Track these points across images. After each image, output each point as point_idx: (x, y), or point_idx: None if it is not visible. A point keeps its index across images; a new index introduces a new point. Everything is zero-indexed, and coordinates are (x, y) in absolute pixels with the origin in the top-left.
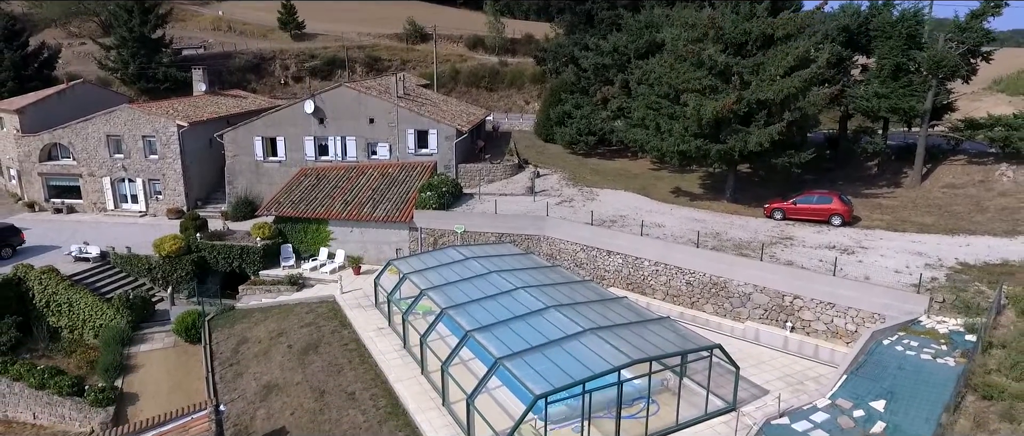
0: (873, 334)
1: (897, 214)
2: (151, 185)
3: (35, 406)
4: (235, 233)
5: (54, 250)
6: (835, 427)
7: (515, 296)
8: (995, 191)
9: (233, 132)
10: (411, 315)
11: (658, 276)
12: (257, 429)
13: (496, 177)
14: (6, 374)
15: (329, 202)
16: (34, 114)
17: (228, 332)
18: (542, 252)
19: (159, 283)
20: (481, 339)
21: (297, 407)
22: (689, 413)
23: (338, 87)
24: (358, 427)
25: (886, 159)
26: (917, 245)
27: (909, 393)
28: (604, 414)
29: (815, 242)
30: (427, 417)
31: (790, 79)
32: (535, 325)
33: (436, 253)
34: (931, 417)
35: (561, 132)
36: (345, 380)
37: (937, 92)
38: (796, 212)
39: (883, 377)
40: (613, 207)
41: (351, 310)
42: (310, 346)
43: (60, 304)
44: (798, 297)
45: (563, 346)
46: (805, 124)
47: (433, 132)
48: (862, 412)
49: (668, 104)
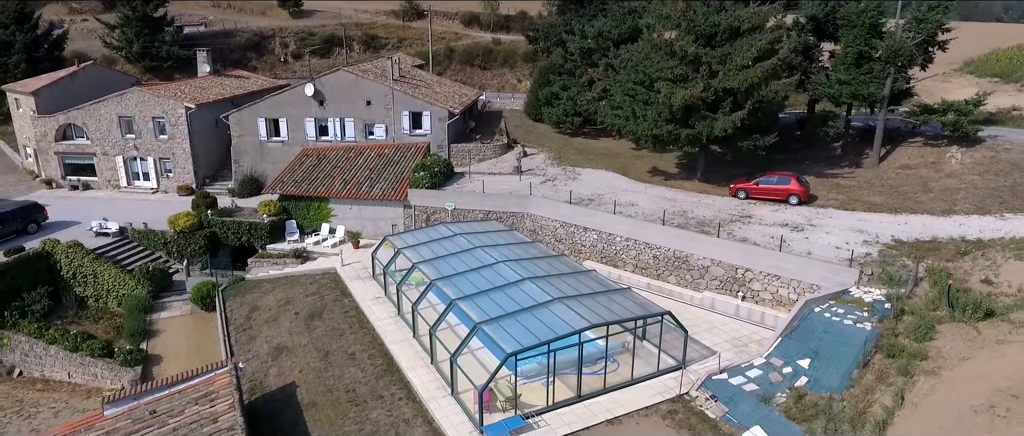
0: (806, 302)
1: (851, 194)
2: (161, 163)
3: (69, 367)
4: (243, 210)
5: (75, 225)
6: (765, 381)
7: (496, 269)
8: (943, 172)
9: (238, 113)
10: (404, 286)
11: (628, 250)
12: (270, 384)
13: (486, 156)
14: (42, 338)
15: (330, 181)
16: (48, 96)
17: (240, 301)
18: (525, 228)
19: (174, 256)
20: (464, 307)
21: (304, 366)
22: (643, 370)
23: (337, 71)
24: (357, 382)
25: (850, 140)
26: (861, 223)
27: (830, 353)
28: (569, 371)
29: (771, 220)
30: (417, 374)
31: (753, 69)
32: (511, 294)
33: (428, 230)
34: (845, 372)
35: (549, 112)
36: (346, 342)
37: (895, 79)
38: (758, 192)
39: (811, 339)
40: (592, 186)
41: (351, 281)
42: (315, 313)
43: (86, 275)
44: (749, 270)
45: (534, 313)
46: (769, 110)
47: (427, 113)
48: (790, 369)
49: (643, 91)
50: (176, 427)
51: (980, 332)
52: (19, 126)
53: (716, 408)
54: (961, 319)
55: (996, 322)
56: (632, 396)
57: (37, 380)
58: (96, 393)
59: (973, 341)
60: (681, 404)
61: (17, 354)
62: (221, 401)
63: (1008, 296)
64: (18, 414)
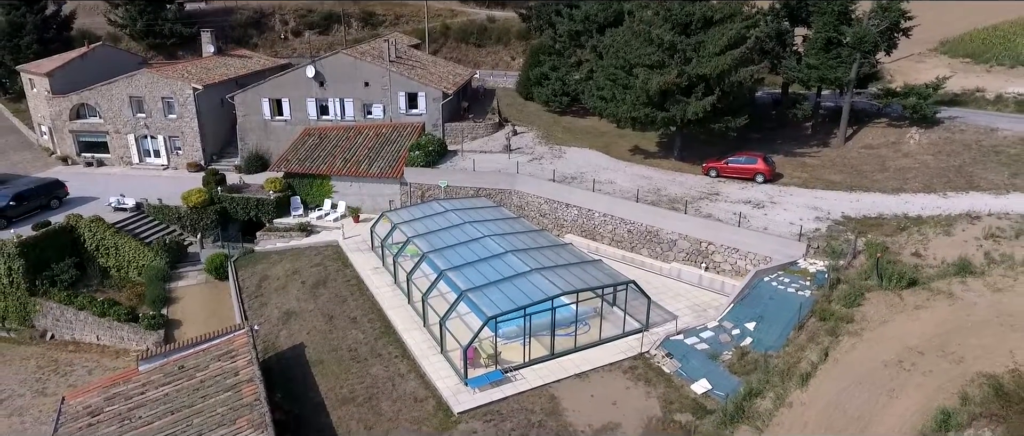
0: (757, 272)
1: (813, 172)
2: (171, 141)
3: (98, 330)
4: (250, 186)
5: (94, 201)
6: (715, 341)
7: (482, 243)
8: (901, 152)
9: (243, 94)
10: (400, 257)
11: (606, 225)
12: (281, 345)
13: (479, 134)
14: (72, 305)
15: (331, 160)
16: (62, 76)
17: (251, 271)
18: (512, 204)
19: (188, 230)
20: (452, 276)
21: (311, 328)
22: (610, 332)
23: (336, 54)
24: (359, 343)
25: (820, 121)
26: (818, 201)
27: (773, 317)
28: (544, 332)
29: (737, 197)
30: (411, 335)
31: (724, 57)
32: (494, 265)
33: (422, 206)
34: (783, 333)
35: (539, 91)
36: (348, 308)
37: (861, 64)
38: (728, 171)
39: (758, 305)
40: (576, 165)
41: (352, 253)
42: (319, 282)
43: (108, 248)
44: (711, 243)
45: (513, 281)
46: (740, 94)
47: (422, 94)
48: (738, 331)
49: (624, 75)
50: (203, 380)
51: (902, 299)
52: (33, 105)
53: (670, 364)
54: (887, 288)
55: (917, 290)
56: (599, 354)
57: (68, 342)
58: (124, 353)
59: (895, 307)
60: (641, 361)
61: (49, 319)
62: (240, 358)
63: (932, 267)
64: (55, 372)
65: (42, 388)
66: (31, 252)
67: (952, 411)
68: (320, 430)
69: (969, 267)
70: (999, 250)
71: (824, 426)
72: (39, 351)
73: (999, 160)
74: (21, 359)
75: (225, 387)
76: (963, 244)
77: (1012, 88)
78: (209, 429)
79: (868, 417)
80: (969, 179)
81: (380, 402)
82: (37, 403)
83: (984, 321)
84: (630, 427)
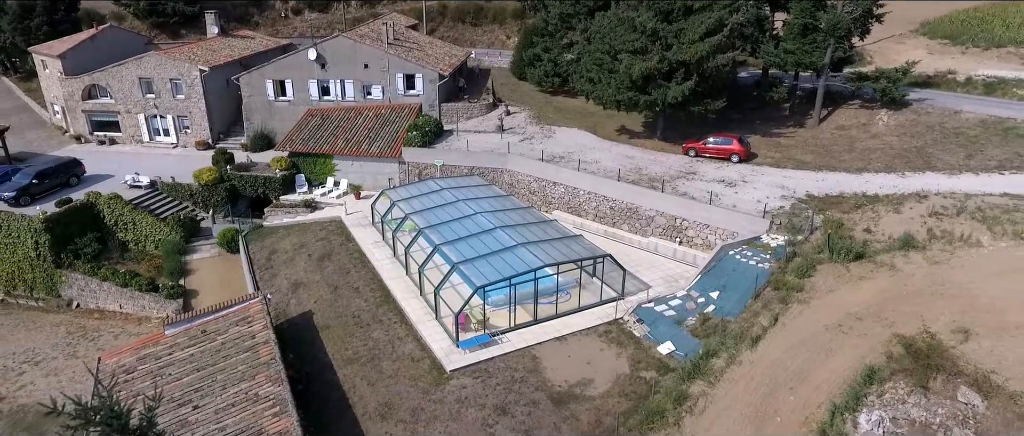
0: (723, 246)
1: (786, 152)
2: (179, 121)
3: (120, 299)
4: (257, 164)
5: (109, 178)
6: (682, 309)
7: (474, 219)
8: (870, 133)
9: (247, 75)
10: (399, 233)
11: (590, 202)
12: (291, 312)
13: (474, 114)
14: (95, 276)
15: (333, 140)
16: (73, 58)
17: (261, 245)
18: (504, 183)
19: (200, 206)
20: (446, 250)
21: (318, 297)
22: (588, 300)
23: (337, 37)
24: (361, 310)
25: (798, 102)
26: (786, 180)
27: (734, 286)
28: (528, 300)
29: (712, 176)
30: (409, 303)
31: (702, 44)
32: (484, 240)
33: (419, 184)
34: (742, 301)
35: (532, 72)
36: (351, 279)
37: (835, 49)
38: (706, 150)
39: (722, 276)
40: (564, 145)
41: (354, 228)
42: (324, 255)
43: (126, 223)
44: (685, 220)
45: (501, 254)
46: (718, 78)
47: (419, 75)
48: (703, 299)
49: (609, 60)
50: (223, 342)
51: (849, 271)
52: (46, 85)
53: (641, 329)
54: (836, 260)
55: (863, 263)
56: (578, 320)
57: (93, 310)
58: (145, 320)
59: (842, 277)
60: (615, 326)
61: (74, 289)
62: (256, 323)
63: (880, 242)
64: (83, 337)
65: (73, 351)
66: (56, 227)
67: (877, 368)
68: (328, 386)
69: (912, 242)
70: (941, 226)
71: (767, 380)
72: (67, 318)
73: (958, 142)
74: (52, 326)
75: (244, 348)
76: (909, 221)
77: (982, 70)
78: (232, 384)
79: (806, 373)
80: (927, 160)
81: (381, 362)
82: (70, 364)
83: (918, 290)
84: (601, 383)
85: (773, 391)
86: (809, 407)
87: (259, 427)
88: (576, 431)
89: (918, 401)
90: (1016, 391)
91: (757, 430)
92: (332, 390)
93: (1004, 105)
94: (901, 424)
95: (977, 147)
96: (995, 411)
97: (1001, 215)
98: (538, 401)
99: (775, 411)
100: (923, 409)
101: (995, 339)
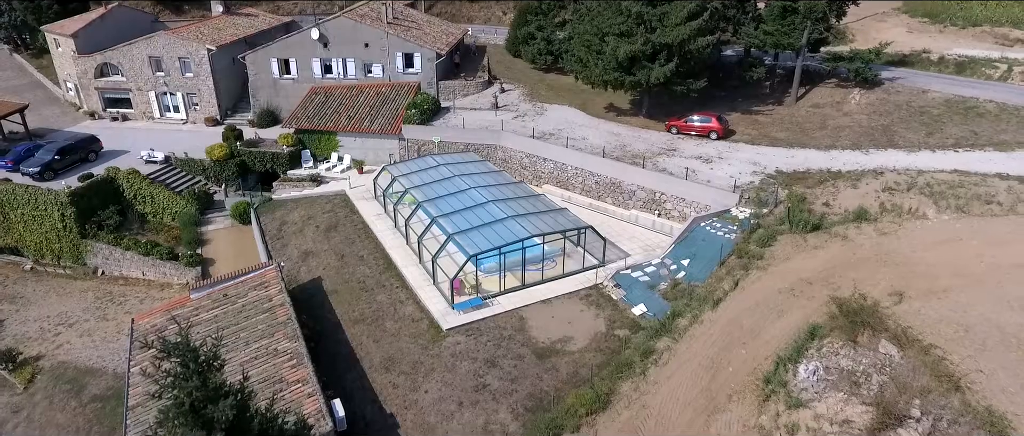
0: (695, 218)
1: (763, 130)
2: (189, 97)
3: (143, 267)
4: (265, 140)
5: (125, 154)
6: (656, 275)
7: (468, 193)
8: (842, 112)
9: (253, 54)
10: (399, 205)
11: (577, 177)
12: (302, 279)
13: (470, 92)
14: (119, 245)
15: (337, 117)
16: (85, 37)
17: (271, 217)
18: (497, 159)
19: (212, 180)
20: (442, 222)
21: (326, 265)
22: (572, 267)
23: (338, 17)
24: (366, 276)
25: (778, 81)
26: (759, 156)
27: (704, 254)
28: (517, 267)
29: (691, 153)
30: (409, 270)
31: (684, 27)
32: (477, 213)
33: (418, 160)
34: (709, 268)
35: (526, 50)
36: (356, 248)
37: (812, 31)
38: (686, 128)
39: (693, 245)
40: (554, 122)
41: (358, 201)
42: (331, 226)
43: (144, 196)
44: (664, 193)
45: (492, 226)
46: (700, 59)
47: (417, 54)
48: (675, 266)
49: (597, 42)
50: (243, 305)
51: (806, 241)
52: (59, 63)
53: (618, 293)
54: (795, 231)
55: (820, 234)
56: (562, 285)
57: (117, 278)
58: (167, 286)
59: (798, 247)
60: (595, 290)
61: (99, 258)
62: (272, 287)
63: (836, 215)
64: (111, 301)
65: (103, 314)
66: (80, 200)
67: (819, 326)
68: (338, 342)
69: (865, 214)
70: (892, 201)
71: (724, 336)
72: (94, 285)
73: (922, 120)
74: (80, 292)
75: (262, 310)
76: (865, 196)
77: (957, 49)
78: (254, 340)
79: (759, 330)
80: (891, 138)
81: (385, 322)
82: (101, 326)
83: (865, 259)
84: (580, 339)
85: (728, 346)
86: (758, 359)
87: (280, 376)
88: (556, 380)
89: (848, 353)
90: (927, 343)
91: (712, 378)
92: (341, 346)
93: (971, 84)
94: (832, 372)
95: (938, 126)
96: (907, 360)
97: (947, 190)
98: (523, 355)
99: (728, 362)
100: (850, 359)
101: (923, 301)
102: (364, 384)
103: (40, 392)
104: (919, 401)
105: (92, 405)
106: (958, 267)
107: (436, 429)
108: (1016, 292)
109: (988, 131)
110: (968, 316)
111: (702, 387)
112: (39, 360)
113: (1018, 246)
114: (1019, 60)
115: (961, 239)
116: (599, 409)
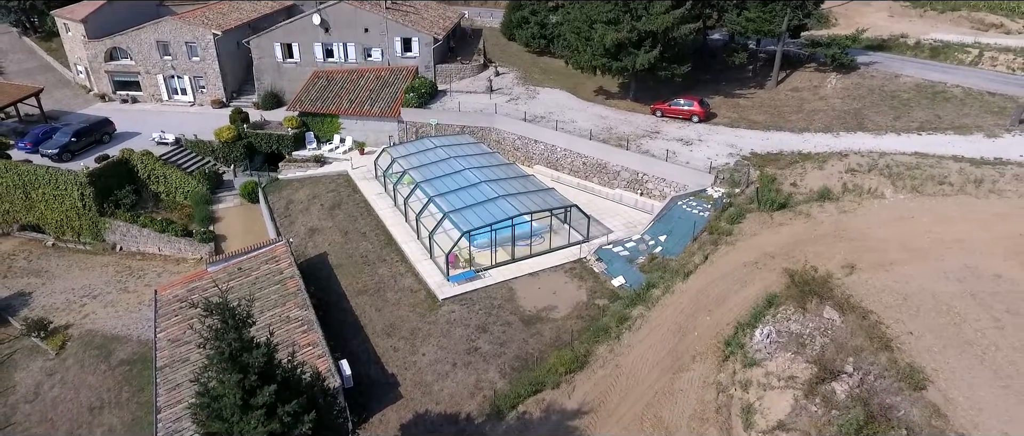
0: (672, 197)
1: (742, 113)
2: (195, 80)
3: (159, 243)
4: (270, 122)
5: (137, 136)
6: (636, 250)
7: (463, 174)
8: (819, 96)
9: (257, 39)
10: (398, 185)
11: (566, 158)
12: (309, 253)
13: (466, 75)
14: (136, 223)
15: (338, 100)
16: (95, 21)
17: (278, 196)
18: (491, 141)
19: (221, 161)
20: (439, 201)
21: (331, 241)
22: (558, 243)
23: (339, 3)
24: (368, 251)
25: (762, 64)
26: (737, 138)
27: (679, 231)
28: (507, 243)
29: (673, 135)
30: (408, 246)
31: (668, 15)
32: (472, 192)
33: (416, 142)
34: (683, 243)
35: (520, 33)
36: (359, 225)
37: (791, 17)
38: (670, 112)
39: (670, 222)
40: (546, 105)
41: (360, 181)
42: (335, 205)
43: (158, 176)
44: (646, 174)
45: (485, 205)
46: (683, 46)
47: (415, 39)
48: (653, 242)
49: (586, 29)
50: (257, 277)
51: (772, 218)
52: (69, 47)
53: (599, 266)
54: (763, 210)
55: (785, 212)
56: (548, 259)
57: (135, 253)
58: (183, 261)
59: (765, 224)
60: (579, 264)
61: (117, 234)
62: (283, 261)
63: (802, 195)
64: (131, 275)
65: (124, 287)
66: (98, 180)
67: (777, 295)
68: (343, 311)
69: (828, 194)
70: (854, 181)
71: (692, 305)
72: (114, 260)
73: (891, 105)
74: (101, 266)
75: (274, 282)
76: (829, 177)
77: (933, 34)
78: (268, 309)
79: (723, 299)
80: (861, 121)
81: (386, 293)
82: (123, 298)
83: (824, 235)
84: (563, 308)
85: (695, 313)
86: (721, 325)
87: (292, 340)
88: (540, 344)
89: (797, 318)
90: (866, 309)
91: (678, 342)
92: (347, 315)
93: (942, 69)
94: (783, 335)
95: (906, 110)
96: (846, 324)
97: (904, 172)
98: (511, 322)
99: (694, 328)
100: (799, 324)
101: (871, 273)
102: (368, 348)
103: (71, 357)
104: (853, 359)
105: (120, 368)
106: (906, 242)
107: (432, 386)
108: (953, 264)
109: (951, 115)
110: (908, 286)
111: (669, 349)
112: (68, 328)
113: (962, 223)
114: (990, 45)
115: (912, 217)
116: (577, 368)
